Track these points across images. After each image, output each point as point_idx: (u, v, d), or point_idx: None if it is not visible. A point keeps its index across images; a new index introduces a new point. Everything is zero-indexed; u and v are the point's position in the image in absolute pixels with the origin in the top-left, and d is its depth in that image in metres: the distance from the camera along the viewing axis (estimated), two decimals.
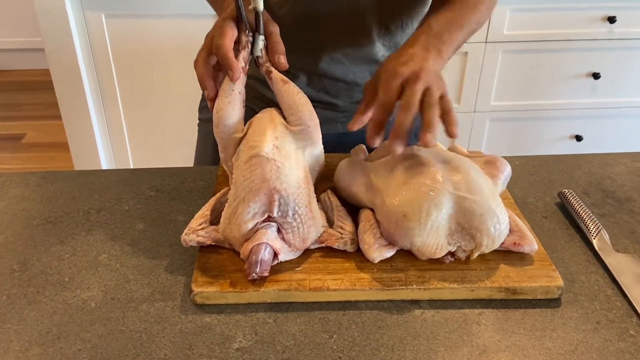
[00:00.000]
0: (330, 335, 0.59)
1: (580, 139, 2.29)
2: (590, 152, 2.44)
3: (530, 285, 0.62)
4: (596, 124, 2.27)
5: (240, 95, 0.69)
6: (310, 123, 0.69)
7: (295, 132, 0.68)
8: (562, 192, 0.79)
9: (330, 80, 0.92)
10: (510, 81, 2.16)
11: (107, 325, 0.59)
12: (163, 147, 2.19)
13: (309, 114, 0.69)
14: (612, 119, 2.26)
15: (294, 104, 0.69)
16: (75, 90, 2.03)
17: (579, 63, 2.14)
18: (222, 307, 0.62)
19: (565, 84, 2.18)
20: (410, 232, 0.63)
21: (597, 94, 2.21)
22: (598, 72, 2.15)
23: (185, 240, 0.66)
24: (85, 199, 0.79)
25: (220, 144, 0.71)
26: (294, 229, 0.64)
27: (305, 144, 0.69)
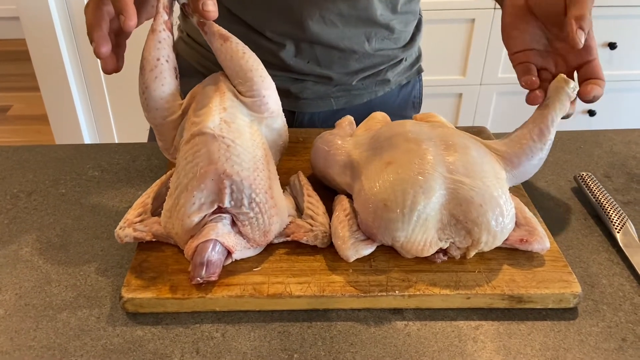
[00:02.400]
0: (290, 354, 0.47)
1: (594, 114, 2.15)
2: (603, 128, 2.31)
3: (540, 292, 0.50)
4: (611, 97, 2.12)
5: (168, 64, 0.55)
6: (265, 92, 0.55)
7: (247, 103, 0.56)
8: (579, 175, 0.67)
9: (322, 47, 0.78)
10: None
11: (15, 338, 0.48)
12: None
13: (261, 80, 0.55)
14: (629, 92, 2.12)
15: (241, 70, 0.55)
16: (54, 61, 1.90)
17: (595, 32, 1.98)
18: (159, 316, 0.50)
19: None
20: (392, 225, 0.50)
21: (613, 66, 2.06)
22: (614, 42, 2.00)
23: (120, 236, 0.54)
24: (16, 179, 0.68)
25: (155, 131, 0.58)
26: (252, 221, 0.52)
27: (261, 116, 0.56)
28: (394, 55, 0.84)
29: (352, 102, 0.84)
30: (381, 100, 0.86)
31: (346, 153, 0.59)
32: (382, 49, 0.81)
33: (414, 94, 0.91)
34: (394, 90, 0.87)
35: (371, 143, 0.58)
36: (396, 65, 0.85)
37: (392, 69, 0.85)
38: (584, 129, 2.37)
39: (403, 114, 0.90)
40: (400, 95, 0.89)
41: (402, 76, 0.87)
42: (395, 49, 0.83)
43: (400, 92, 0.89)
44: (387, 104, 0.87)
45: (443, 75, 2.05)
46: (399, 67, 0.86)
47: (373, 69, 0.83)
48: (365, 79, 0.83)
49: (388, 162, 0.53)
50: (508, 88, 2.08)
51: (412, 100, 0.92)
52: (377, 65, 0.83)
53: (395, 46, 0.83)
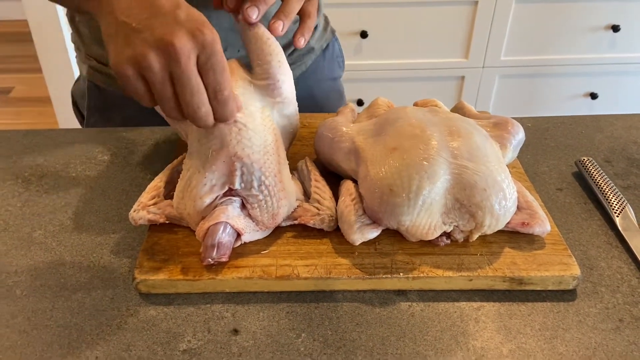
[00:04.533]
0: (298, 334, 0.49)
1: (596, 97, 2.15)
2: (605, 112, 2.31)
3: (540, 274, 0.52)
4: (613, 81, 2.13)
5: None
6: (280, 77, 0.57)
7: (261, 87, 0.57)
8: (580, 160, 0.68)
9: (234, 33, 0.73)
10: (523, 34, 2.00)
11: (32, 318, 0.50)
12: None
13: (279, 65, 0.57)
14: (632, 75, 2.11)
15: (262, 52, 0.57)
16: (56, 42, 1.90)
17: (598, 14, 1.98)
18: (170, 297, 0.52)
19: (581, 37, 2.02)
20: (398, 210, 0.52)
21: (616, 49, 2.06)
22: (618, 25, 1.99)
23: (134, 218, 0.55)
24: (27, 163, 0.69)
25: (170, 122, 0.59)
26: (260, 204, 0.53)
27: (273, 101, 0.57)
28: None
29: None
30: (312, 69, 0.88)
31: (350, 139, 0.60)
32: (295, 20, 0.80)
33: (335, 54, 0.94)
34: (319, 56, 0.89)
35: (375, 129, 0.59)
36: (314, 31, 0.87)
37: (311, 37, 0.86)
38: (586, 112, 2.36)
39: (333, 75, 0.94)
40: (326, 59, 0.91)
41: (321, 40, 0.89)
42: None
43: (325, 56, 0.91)
44: (317, 71, 0.89)
45: (445, 57, 2.05)
46: (315, 33, 0.87)
47: None
48: (293, 53, 0.84)
49: (393, 147, 0.54)
50: (511, 71, 2.08)
51: (336, 61, 0.94)
52: None
53: None
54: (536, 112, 2.19)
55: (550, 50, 2.05)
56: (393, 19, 1.94)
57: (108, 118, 0.83)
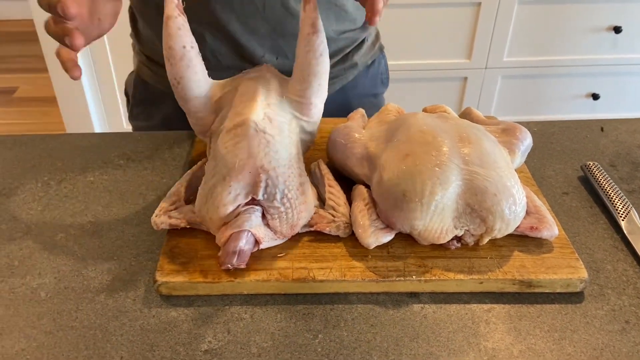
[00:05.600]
0: (315, 335, 0.50)
1: (597, 98, 2.17)
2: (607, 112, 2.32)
3: (549, 277, 0.53)
4: (615, 81, 2.14)
5: (194, 50, 0.57)
6: (315, 100, 0.59)
7: (293, 102, 0.58)
8: (586, 165, 0.69)
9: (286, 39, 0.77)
10: (525, 35, 2.02)
11: (58, 319, 0.51)
12: None
13: (318, 88, 0.58)
14: (633, 76, 2.13)
15: (307, 68, 0.57)
16: None
17: (600, 15, 1.99)
18: (191, 299, 0.54)
19: (583, 38, 2.04)
20: (411, 214, 0.53)
21: (618, 49, 2.07)
22: (620, 26, 2.01)
23: (156, 223, 0.57)
24: (45, 167, 0.70)
25: (191, 119, 0.61)
26: (281, 215, 0.55)
27: (301, 115, 0.59)
28: (355, 36, 0.86)
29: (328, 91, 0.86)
30: (353, 84, 0.88)
31: (363, 145, 0.62)
32: (344, 31, 0.83)
33: (380, 71, 0.94)
34: (362, 72, 0.90)
35: (386, 135, 0.61)
36: (359, 46, 0.88)
37: (356, 51, 0.87)
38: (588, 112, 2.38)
39: (374, 92, 0.94)
40: (369, 75, 0.92)
41: (367, 56, 0.90)
42: (355, 30, 0.85)
43: (368, 72, 0.91)
44: (359, 86, 0.89)
45: (448, 59, 2.06)
46: (362, 48, 0.88)
47: (340, 53, 0.85)
48: (335, 66, 0.85)
49: (406, 154, 0.56)
50: (513, 72, 2.09)
51: (380, 78, 0.95)
52: (343, 49, 0.85)
53: (354, 27, 0.85)
54: (538, 113, 2.20)
55: (552, 51, 2.07)
56: (396, 20, 1.95)
57: (151, 112, 0.87)
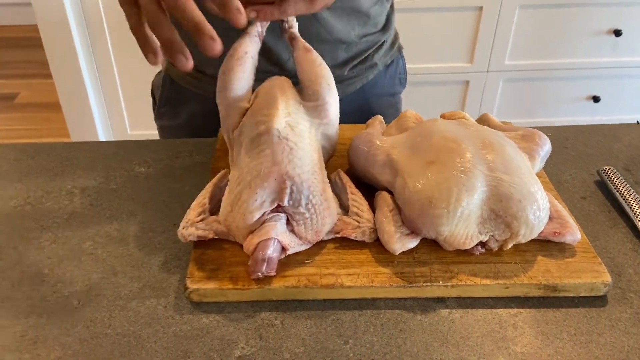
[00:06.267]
0: (346, 340, 0.51)
1: (598, 100, 2.19)
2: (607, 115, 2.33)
3: (573, 281, 0.54)
4: (615, 84, 2.17)
5: (252, 60, 0.61)
6: (328, 99, 0.61)
7: (309, 107, 0.60)
8: (602, 170, 0.71)
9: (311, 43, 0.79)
10: (527, 39, 2.04)
11: (91, 327, 0.52)
12: None
13: (328, 88, 0.61)
14: (633, 79, 2.15)
15: (314, 76, 0.61)
16: (66, 47, 1.92)
17: (600, 19, 2.01)
18: (221, 305, 0.54)
19: (584, 41, 2.06)
20: (437, 221, 0.54)
21: (618, 52, 2.09)
22: (620, 29, 2.03)
23: (184, 235, 0.57)
24: (68, 176, 0.71)
25: (222, 111, 0.62)
26: (306, 221, 0.56)
27: (319, 122, 0.61)
28: (376, 39, 0.88)
29: (346, 91, 0.87)
30: (372, 83, 0.90)
31: (385, 152, 0.63)
32: (365, 34, 0.85)
33: (399, 71, 0.96)
34: (382, 72, 0.91)
35: (408, 142, 0.62)
36: (379, 48, 0.89)
37: (376, 53, 0.89)
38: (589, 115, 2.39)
39: (392, 91, 0.96)
40: (388, 74, 0.93)
41: (386, 57, 0.91)
42: (376, 33, 0.87)
43: (387, 71, 0.92)
44: (378, 85, 0.91)
45: (450, 62, 2.08)
46: (382, 49, 0.90)
47: (361, 56, 0.86)
48: (355, 67, 0.86)
49: (430, 161, 0.57)
50: (515, 75, 2.11)
51: (398, 77, 0.96)
52: (364, 52, 0.87)
53: (375, 30, 0.87)
54: (540, 116, 2.22)
55: (553, 55, 2.09)
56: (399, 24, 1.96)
57: (177, 112, 0.88)
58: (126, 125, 2.14)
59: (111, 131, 2.15)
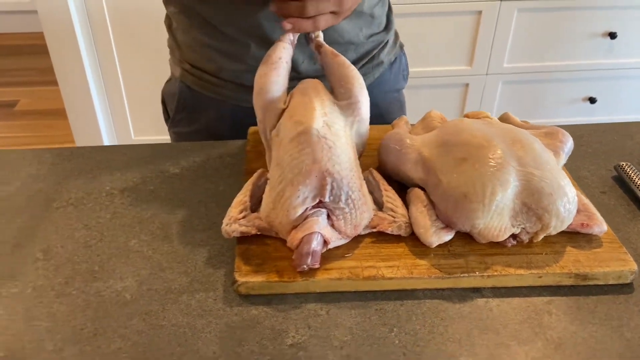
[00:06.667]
0: (390, 328, 0.54)
1: (594, 101, 2.23)
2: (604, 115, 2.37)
3: (602, 270, 0.57)
4: (611, 85, 2.21)
5: (286, 65, 0.65)
6: (361, 98, 0.64)
7: (343, 106, 0.63)
8: (619, 165, 0.74)
9: None
10: (525, 41, 2.08)
11: (147, 319, 0.54)
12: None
13: (360, 87, 0.64)
14: (629, 80, 2.20)
15: (345, 77, 0.65)
16: (71, 54, 1.93)
17: (596, 22, 2.06)
18: (268, 297, 0.57)
19: (580, 44, 2.10)
20: (473, 214, 0.57)
21: (614, 54, 2.14)
22: (615, 32, 2.07)
23: (228, 231, 0.60)
24: (105, 178, 0.73)
25: (259, 114, 0.65)
26: (345, 216, 0.58)
27: (353, 120, 0.64)
28: (381, 38, 0.92)
29: None
30: (379, 81, 0.94)
31: (416, 151, 0.65)
32: (371, 34, 0.89)
33: (402, 67, 1.00)
34: (387, 69, 0.95)
35: (438, 141, 0.65)
36: (384, 47, 0.93)
37: (382, 51, 0.93)
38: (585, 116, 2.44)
39: (397, 87, 1.00)
40: (392, 71, 0.97)
41: (390, 55, 0.95)
42: (381, 32, 0.92)
43: (392, 68, 0.97)
44: (383, 82, 0.95)
45: (451, 66, 2.11)
46: (386, 47, 0.94)
47: (368, 56, 0.91)
48: (363, 67, 0.90)
49: (463, 158, 0.60)
50: (513, 77, 2.15)
51: (402, 74, 1.01)
52: (371, 51, 0.91)
53: (379, 30, 0.91)
54: (538, 117, 2.26)
55: (550, 57, 2.13)
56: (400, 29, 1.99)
57: (194, 118, 0.90)
58: (130, 131, 2.16)
59: (115, 137, 2.17)
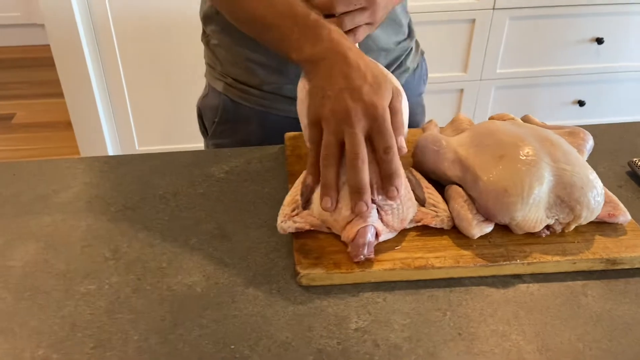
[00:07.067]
0: (444, 312, 0.59)
1: (583, 104, 2.32)
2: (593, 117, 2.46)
3: (629, 255, 0.63)
4: (599, 88, 2.30)
5: None
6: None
7: None
8: (632, 161, 0.80)
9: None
10: (516, 48, 2.16)
11: (220, 310, 0.59)
12: (168, 123, 2.15)
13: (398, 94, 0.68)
14: (615, 83, 2.29)
15: None
16: (78, 66, 1.97)
17: (583, 28, 2.15)
18: (327, 288, 0.61)
19: (569, 49, 2.19)
20: (512, 207, 0.63)
21: (600, 59, 2.23)
22: (601, 37, 2.17)
23: (283, 228, 0.65)
24: (156, 183, 0.77)
25: (303, 120, 0.70)
26: (393, 211, 0.63)
27: None
28: (407, 45, 0.99)
29: None
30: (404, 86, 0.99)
31: (453, 150, 0.71)
32: (399, 41, 0.96)
33: (423, 72, 1.07)
34: (411, 75, 1.01)
35: (472, 141, 0.70)
36: (409, 53, 1.00)
37: (407, 58, 0.99)
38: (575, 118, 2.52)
39: (419, 91, 1.07)
40: (415, 77, 1.03)
41: (414, 61, 1.02)
42: (406, 39, 0.98)
43: (415, 74, 1.03)
44: (408, 87, 1.00)
45: (446, 72, 2.19)
46: (411, 54, 1.00)
47: (397, 62, 0.97)
48: (393, 72, 0.95)
49: (500, 155, 0.65)
50: (506, 82, 2.23)
51: (422, 78, 1.07)
52: (399, 58, 0.97)
53: (404, 37, 0.98)
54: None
55: (541, 63, 2.22)
56: None
57: (235, 129, 0.95)
58: (135, 142, 2.19)
59: (120, 148, 2.20)
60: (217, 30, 0.91)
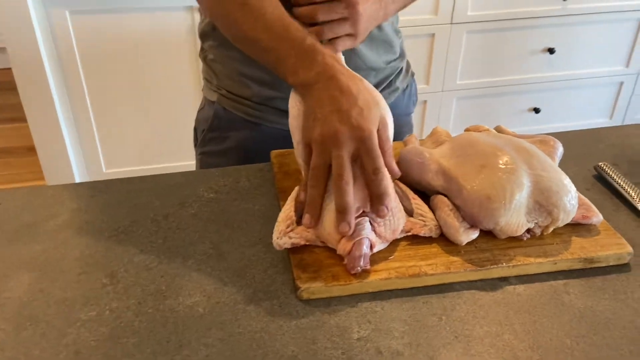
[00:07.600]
0: (439, 317, 0.62)
1: (538, 111, 2.42)
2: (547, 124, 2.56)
3: (605, 253, 0.68)
4: (553, 95, 2.41)
5: None
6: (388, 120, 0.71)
7: None
8: (598, 165, 0.85)
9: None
10: (474, 60, 2.25)
11: (224, 328, 0.60)
12: (136, 144, 2.13)
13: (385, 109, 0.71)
14: (568, 90, 2.40)
15: None
16: (41, 91, 1.94)
17: (536, 40, 2.26)
18: (327, 300, 0.64)
19: (523, 60, 2.29)
20: (496, 213, 0.66)
21: (553, 68, 2.34)
22: (553, 47, 2.27)
23: (279, 244, 0.66)
24: (146, 206, 0.78)
25: (296, 135, 0.72)
26: (386, 222, 0.66)
27: None
28: (397, 65, 1.02)
29: None
30: (392, 105, 1.01)
31: (436, 162, 0.74)
32: (389, 61, 0.99)
33: (412, 93, 1.10)
34: (400, 95, 1.04)
35: (454, 152, 0.74)
36: (399, 73, 1.03)
37: (397, 78, 1.02)
38: (531, 125, 2.62)
39: (408, 112, 1.10)
40: (405, 97, 1.06)
41: (404, 82, 1.05)
42: (397, 59, 1.01)
43: (404, 94, 1.06)
44: (397, 107, 1.03)
45: None
46: (401, 74, 1.03)
47: (386, 81, 1.00)
48: (382, 91, 0.99)
49: (481, 165, 0.69)
50: (466, 93, 2.31)
51: (412, 99, 1.10)
52: (388, 77, 1.00)
53: (395, 57, 1.01)
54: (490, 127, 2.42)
55: (498, 73, 2.31)
56: None
57: (225, 137, 0.97)
58: (102, 165, 2.16)
59: (85, 171, 2.17)
60: (214, 46, 0.93)
